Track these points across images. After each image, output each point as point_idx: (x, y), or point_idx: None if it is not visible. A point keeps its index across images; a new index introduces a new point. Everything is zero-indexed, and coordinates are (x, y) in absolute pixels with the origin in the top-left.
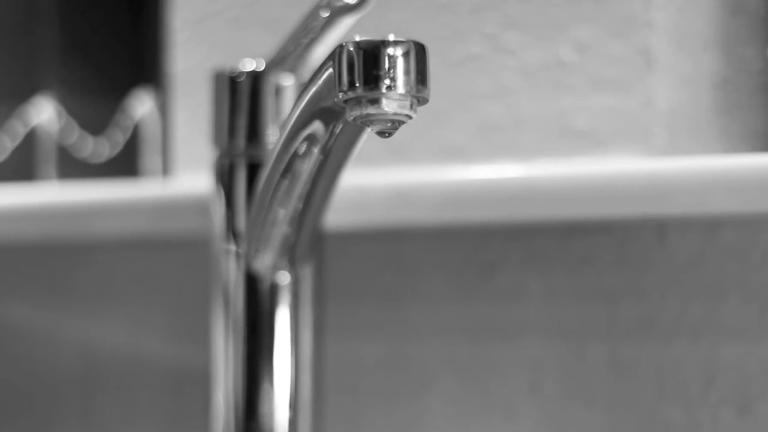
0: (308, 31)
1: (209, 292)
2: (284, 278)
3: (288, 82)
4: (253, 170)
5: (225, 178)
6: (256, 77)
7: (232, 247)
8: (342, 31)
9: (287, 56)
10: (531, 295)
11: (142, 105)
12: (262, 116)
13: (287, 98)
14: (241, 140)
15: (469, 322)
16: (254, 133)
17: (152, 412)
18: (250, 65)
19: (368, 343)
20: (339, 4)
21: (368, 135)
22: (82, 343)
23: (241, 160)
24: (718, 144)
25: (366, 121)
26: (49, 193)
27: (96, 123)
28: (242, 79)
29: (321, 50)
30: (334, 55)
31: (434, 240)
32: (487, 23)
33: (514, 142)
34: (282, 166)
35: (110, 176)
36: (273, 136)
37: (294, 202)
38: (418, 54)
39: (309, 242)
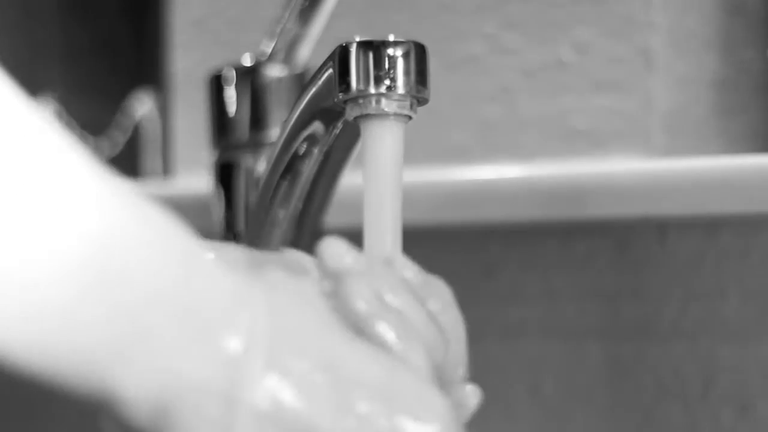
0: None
1: None
2: None
3: (287, 81)
4: (253, 170)
5: (225, 178)
6: (254, 76)
7: None
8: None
9: (281, 51)
10: (531, 295)
11: (142, 105)
12: (261, 116)
13: (287, 98)
14: (240, 140)
15: (469, 322)
16: (254, 133)
17: None
18: (248, 64)
19: None
20: None
21: None
22: None
23: (240, 160)
24: (718, 144)
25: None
26: None
27: (97, 123)
28: (241, 78)
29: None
30: (334, 55)
31: (434, 240)
32: (487, 23)
33: (514, 142)
34: (282, 167)
35: None
36: (273, 136)
37: (294, 202)
38: (418, 54)
39: (309, 243)
